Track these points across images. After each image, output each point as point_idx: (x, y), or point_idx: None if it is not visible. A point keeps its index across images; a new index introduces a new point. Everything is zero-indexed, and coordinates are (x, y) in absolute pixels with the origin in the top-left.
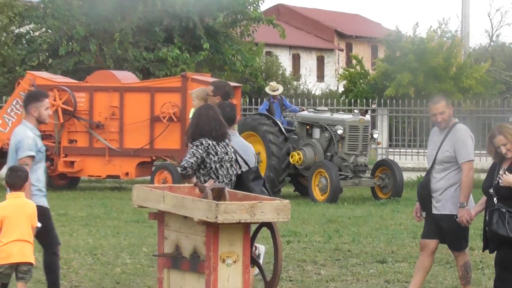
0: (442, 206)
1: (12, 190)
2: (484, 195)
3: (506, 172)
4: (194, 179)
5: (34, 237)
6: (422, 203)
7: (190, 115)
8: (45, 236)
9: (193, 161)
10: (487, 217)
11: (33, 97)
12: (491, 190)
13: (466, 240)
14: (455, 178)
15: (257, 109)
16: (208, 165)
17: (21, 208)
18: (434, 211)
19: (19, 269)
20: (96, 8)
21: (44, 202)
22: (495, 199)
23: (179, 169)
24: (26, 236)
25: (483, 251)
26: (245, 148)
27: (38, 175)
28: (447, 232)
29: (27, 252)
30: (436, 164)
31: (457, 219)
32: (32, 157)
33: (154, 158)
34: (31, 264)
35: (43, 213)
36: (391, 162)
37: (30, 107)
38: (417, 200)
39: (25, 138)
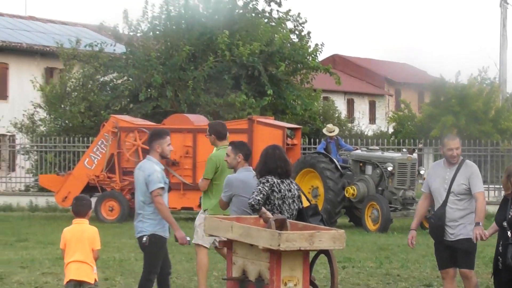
0: (459, 232)
1: (76, 217)
2: (497, 226)
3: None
4: (265, 211)
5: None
6: (435, 232)
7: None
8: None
9: (259, 198)
10: (500, 249)
11: (157, 135)
12: (505, 224)
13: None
14: (470, 206)
15: (315, 148)
16: (272, 201)
17: (82, 233)
18: (450, 238)
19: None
20: (171, 58)
21: (159, 231)
22: (509, 232)
23: (248, 204)
24: (84, 258)
25: (492, 277)
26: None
27: None
28: (464, 252)
29: (83, 272)
30: (451, 196)
31: (472, 238)
32: (162, 188)
33: None
34: (90, 283)
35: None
36: None
37: (155, 143)
38: (429, 230)
39: (154, 172)
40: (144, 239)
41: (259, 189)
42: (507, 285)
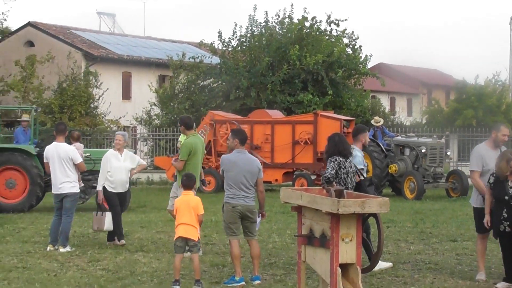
0: None
1: (185, 190)
2: (497, 201)
3: None
4: (334, 184)
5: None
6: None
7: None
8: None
9: (333, 173)
10: (505, 215)
11: (362, 129)
12: (507, 197)
13: None
14: None
15: None
16: (339, 175)
17: (188, 202)
18: None
19: (188, 243)
20: (255, 67)
21: None
22: None
23: (325, 178)
24: (190, 221)
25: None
26: (250, 162)
27: None
28: None
29: (190, 231)
30: None
31: None
32: (362, 169)
33: (294, 169)
34: (194, 240)
35: None
36: (459, 171)
37: (360, 136)
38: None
39: (356, 156)
40: None
41: (332, 166)
42: (510, 245)
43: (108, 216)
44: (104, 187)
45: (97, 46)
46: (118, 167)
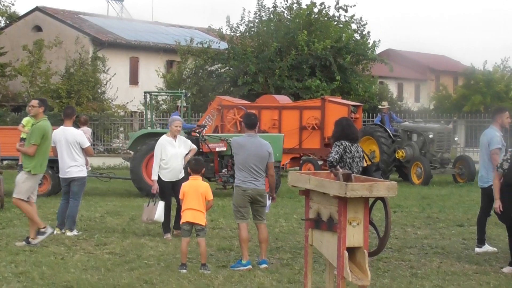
0: None
1: (193, 174)
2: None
3: None
4: (339, 168)
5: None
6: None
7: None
8: None
9: (337, 157)
10: None
11: (499, 110)
12: None
13: None
14: None
15: (373, 121)
16: (344, 159)
17: (197, 187)
18: None
19: (195, 228)
20: (263, 52)
21: None
22: None
23: (328, 162)
24: (197, 206)
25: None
26: (259, 146)
27: None
28: None
29: (197, 216)
30: None
31: None
32: (499, 148)
33: (302, 154)
34: (201, 225)
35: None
36: (467, 157)
37: (497, 116)
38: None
39: (495, 136)
40: None
41: (336, 150)
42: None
43: (161, 205)
44: (158, 177)
45: (105, 31)
46: (174, 154)
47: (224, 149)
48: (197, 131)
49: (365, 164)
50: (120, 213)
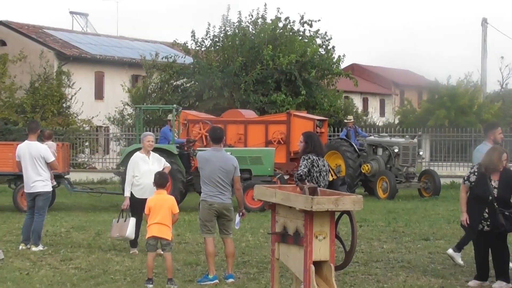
0: None
1: (158, 188)
2: (478, 200)
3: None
4: (306, 182)
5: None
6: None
7: None
8: None
9: (306, 171)
10: (486, 216)
11: (491, 126)
12: (491, 197)
13: None
14: None
15: (338, 135)
16: (312, 173)
17: (163, 201)
18: None
19: (161, 242)
20: (228, 67)
21: None
22: (495, 204)
23: (297, 175)
24: (164, 221)
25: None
26: (225, 160)
27: None
28: None
29: (164, 231)
30: None
31: None
32: None
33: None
34: (167, 240)
35: None
36: (432, 171)
37: (489, 133)
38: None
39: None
40: None
41: (305, 164)
42: (485, 244)
43: (132, 222)
44: (131, 193)
45: (69, 45)
46: (147, 171)
47: None
48: (187, 146)
49: (331, 178)
50: (85, 228)
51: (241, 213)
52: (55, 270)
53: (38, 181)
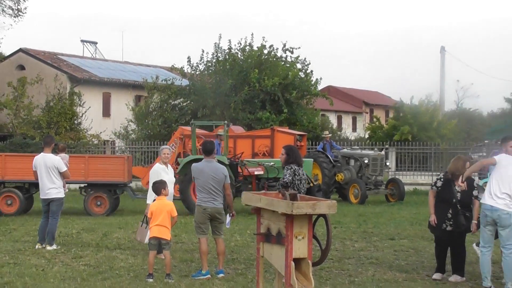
0: None
1: (158, 195)
2: (443, 202)
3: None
4: (290, 189)
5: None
6: None
7: None
8: None
9: (290, 179)
10: (449, 216)
11: (506, 139)
12: (454, 200)
13: None
14: None
15: (316, 148)
16: (293, 181)
17: (163, 206)
18: None
19: (161, 242)
20: (220, 88)
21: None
22: (458, 206)
23: (282, 183)
24: (164, 223)
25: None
26: (216, 169)
27: None
28: None
29: (163, 232)
30: None
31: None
32: None
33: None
34: (166, 239)
35: None
36: (397, 179)
37: (503, 145)
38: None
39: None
40: None
41: (289, 173)
42: (446, 242)
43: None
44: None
45: (80, 69)
46: (168, 180)
47: (261, 172)
48: (235, 156)
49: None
50: (94, 230)
51: (231, 214)
52: (67, 266)
53: (52, 188)
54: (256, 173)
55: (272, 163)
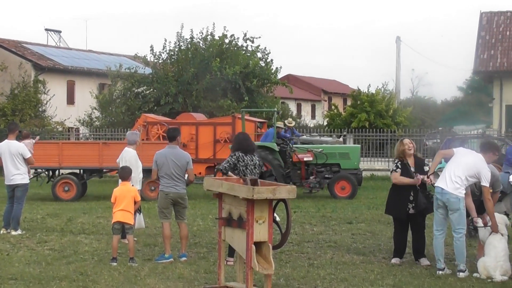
0: None
1: (122, 181)
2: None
3: (418, 175)
4: (231, 174)
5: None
6: None
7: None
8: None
9: (226, 166)
10: (411, 198)
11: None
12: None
13: None
14: None
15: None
16: (238, 167)
17: (127, 191)
18: None
19: (125, 226)
20: (182, 77)
21: None
22: (418, 186)
23: (221, 169)
24: (127, 208)
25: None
26: (179, 156)
27: None
28: None
29: (127, 216)
30: None
31: None
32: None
33: (216, 163)
34: (130, 224)
35: None
36: None
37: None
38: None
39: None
40: None
41: (228, 160)
42: (406, 227)
43: (138, 217)
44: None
45: (45, 58)
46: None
47: (310, 158)
48: (284, 143)
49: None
50: (59, 215)
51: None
52: (32, 251)
53: (17, 174)
54: (305, 159)
55: (320, 150)
